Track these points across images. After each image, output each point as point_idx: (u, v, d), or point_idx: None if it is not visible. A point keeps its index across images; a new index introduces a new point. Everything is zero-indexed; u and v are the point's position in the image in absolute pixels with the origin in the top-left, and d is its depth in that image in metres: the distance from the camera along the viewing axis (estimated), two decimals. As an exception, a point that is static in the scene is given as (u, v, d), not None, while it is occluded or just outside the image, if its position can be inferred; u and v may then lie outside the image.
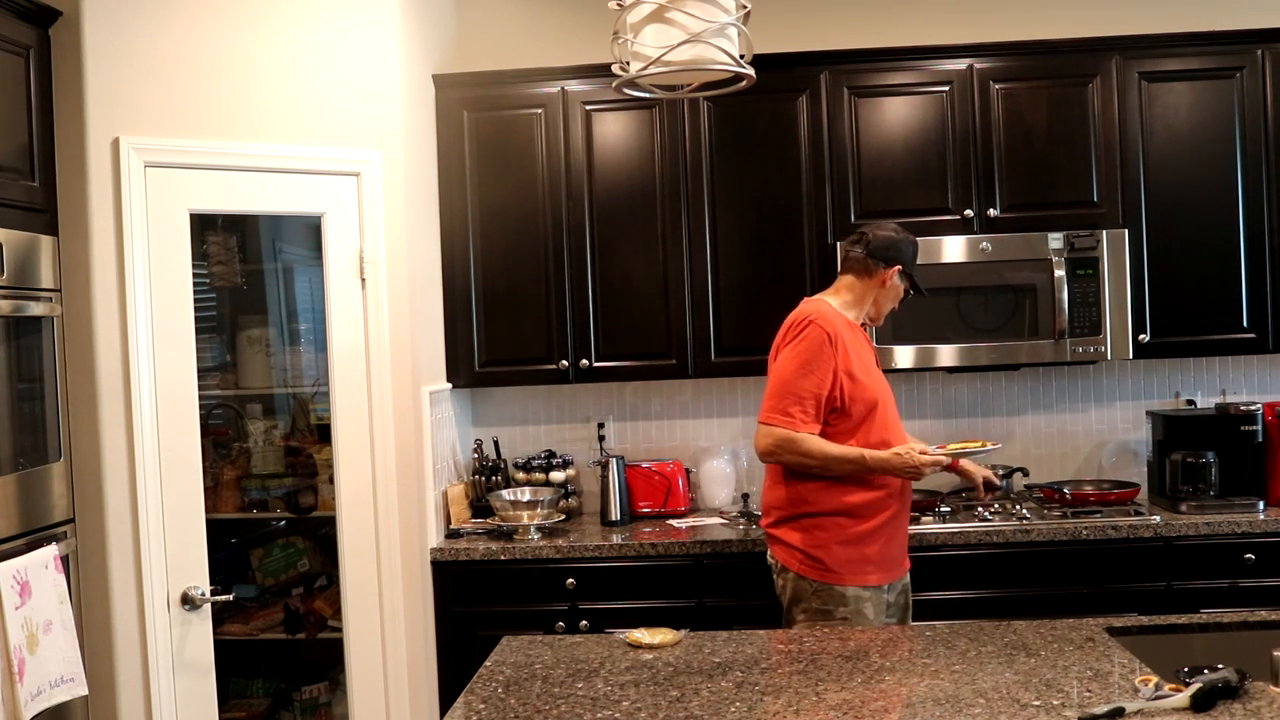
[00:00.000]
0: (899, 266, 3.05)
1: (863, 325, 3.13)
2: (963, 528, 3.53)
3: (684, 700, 2.05)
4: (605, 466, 3.92)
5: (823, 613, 2.89)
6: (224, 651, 3.27)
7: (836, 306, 3.05)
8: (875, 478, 2.92)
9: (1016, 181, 3.78)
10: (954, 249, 3.71)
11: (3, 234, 2.75)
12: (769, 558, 3.05)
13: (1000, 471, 3.97)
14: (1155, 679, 1.97)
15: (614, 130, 3.87)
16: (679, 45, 2.06)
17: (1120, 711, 1.85)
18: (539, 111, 3.88)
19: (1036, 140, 3.78)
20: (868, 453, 2.90)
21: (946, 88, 3.80)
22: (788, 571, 2.96)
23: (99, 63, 2.99)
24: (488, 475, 4.01)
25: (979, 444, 3.16)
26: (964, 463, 3.17)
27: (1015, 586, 3.49)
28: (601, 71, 3.63)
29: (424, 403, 3.59)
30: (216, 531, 3.29)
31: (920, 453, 2.90)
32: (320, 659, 3.78)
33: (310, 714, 3.79)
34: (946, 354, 3.73)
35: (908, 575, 3.09)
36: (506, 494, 3.85)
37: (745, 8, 2.15)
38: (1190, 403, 4.09)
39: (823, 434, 2.92)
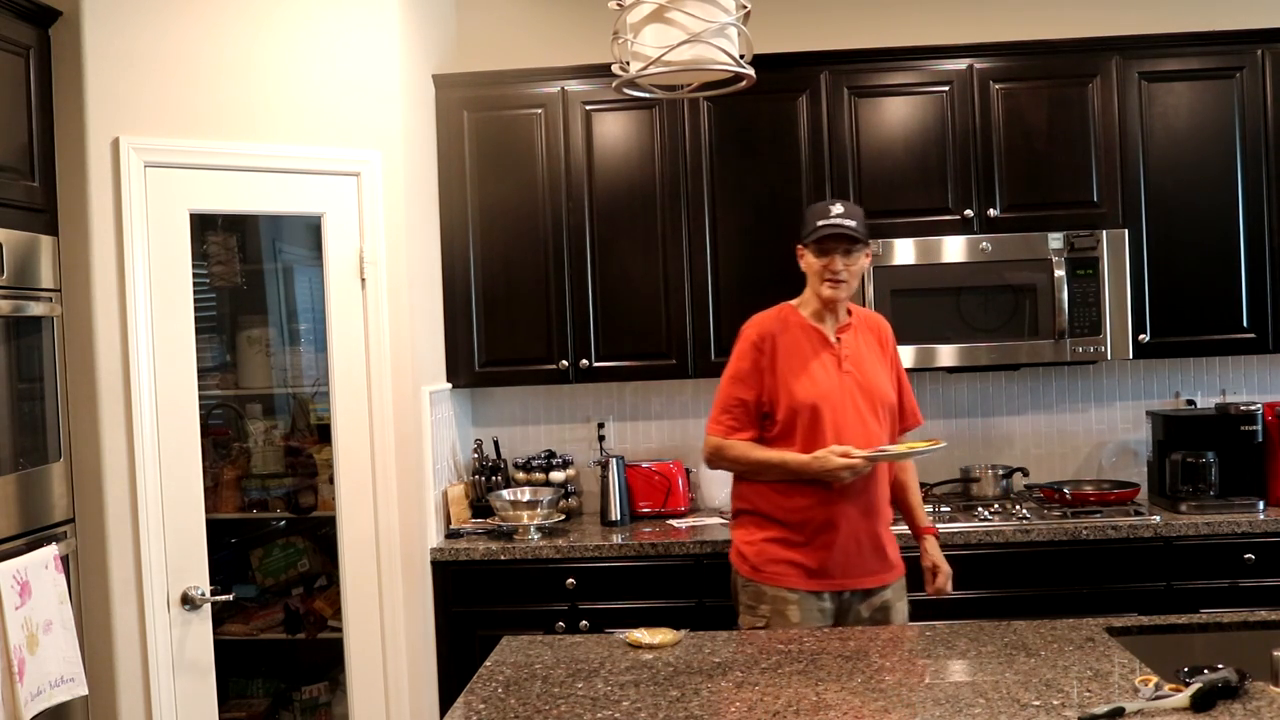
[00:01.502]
0: (800, 244, 2.96)
1: (846, 322, 2.98)
2: (963, 528, 3.53)
3: (684, 700, 2.05)
4: (605, 466, 3.92)
5: (749, 608, 2.91)
6: (224, 651, 3.27)
7: (795, 306, 3.01)
8: (810, 485, 2.84)
9: (1016, 181, 3.78)
10: (954, 249, 3.71)
11: (3, 234, 2.75)
12: None
13: (1000, 471, 3.99)
14: (1155, 679, 1.97)
15: (614, 130, 3.87)
16: (679, 45, 2.06)
17: (1120, 711, 1.85)
18: (539, 111, 3.88)
19: (1036, 140, 3.78)
20: (789, 457, 2.84)
21: (946, 88, 3.80)
22: (731, 566, 3.01)
23: (99, 63, 2.99)
24: (488, 475, 4.01)
25: (924, 444, 2.91)
26: (931, 550, 3.06)
27: (1015, 586, 3.49)
28: (601, 71, 3.63)
29: (424, 403, 3.59)
30: (216, 531, 3.29)
31: (840, 455, 2.77)
32: (320, 659, 3.78)
33: (310, 714, 3.79)
34: (946, 354, 3.73)
35: (887, 590, 2.92)
36: (506, 494, 3.85)
37: (745, 8, 2.15)
38: (1190, 403, 4.09)
39: (762, 439, 2.92)
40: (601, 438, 4.16)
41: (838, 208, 2.90)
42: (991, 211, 3.78)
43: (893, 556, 2.97)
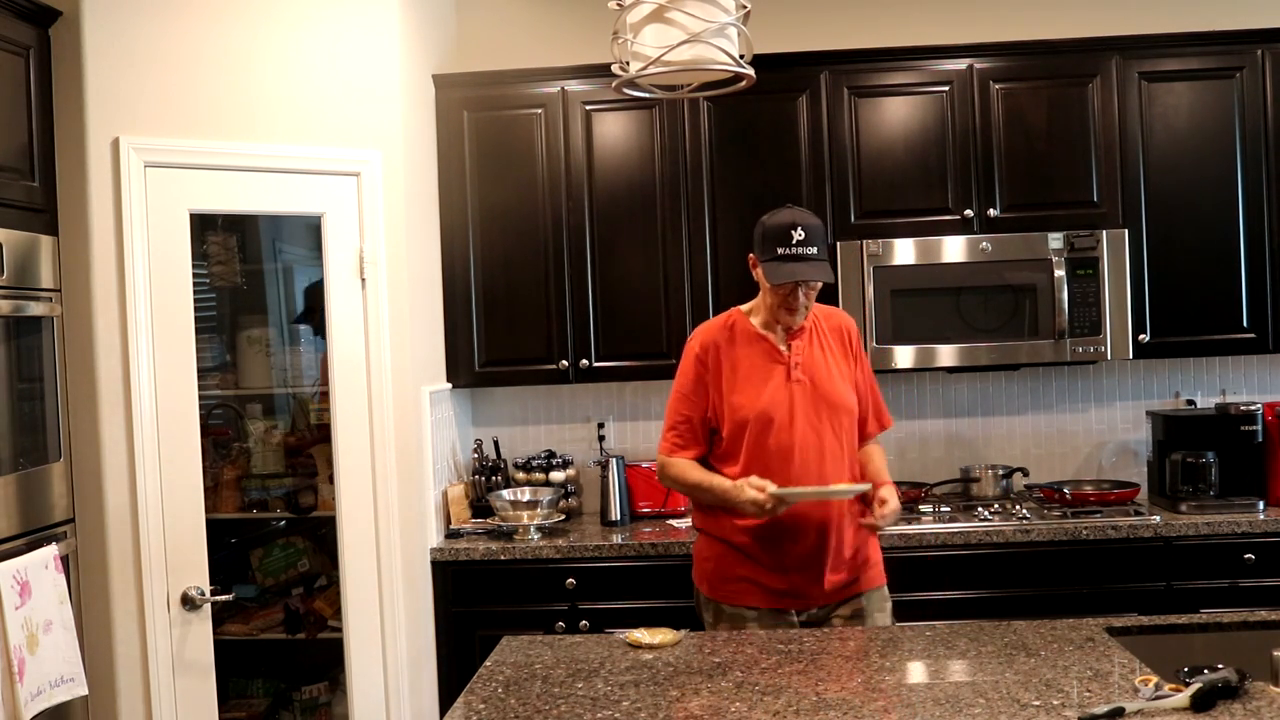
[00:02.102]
0: (752, 255, 2.78)
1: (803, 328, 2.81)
2: (963, 528, 3.53)
3: (684, 700, 2.05)
4: (605, 466, 3.92)
5: (710, 623, 2.81)
6: (224, 651, 3.27)
7: (745, 311, 2.86)
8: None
9: (1016, 181, 3.78)
10: (954, 249, 3.71)
11: (3, 234, 2.75)
12: None
13: (1000, 471, 3.99)
14: (1155, 679, 1.97)
15: (614, 130, 3.87)
16: (679, 45, 2.06)
17: (1120, 711, 1.85)
18: (539, 111, 3.88)
19: (1036, 140, 3.78)
20: (718, 482, 2.71)
21: (946, 88, 3.80)
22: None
23: (99, 63, 2.99)
24: (488, 475, 4.00)
25: (846, 485, 2.70)
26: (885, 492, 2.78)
27: (1015, 586, 3.49)
28: (601, 71, 3.63)
29: (424, 403, 3.59)
30: (216, 531, 3.29)
31: (755, 489, 2.58)
32: (320, 659, 3.78)
33: (310, 714, 3.79)
34: (946, 354, 3.73)
35: (860, 599, 2.79)
36: (506, 494, 3.85)
37: (745, 8, 2.15)
38: (1190, 403, 4.09)
39: (710, 455, 2.80)
40: (601, 438, 4.16)
41: (799, 231, 2.68)
42: (991, 211, 3.78)
43: (865, 565, 2.81)
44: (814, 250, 2.70)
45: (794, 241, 2.68)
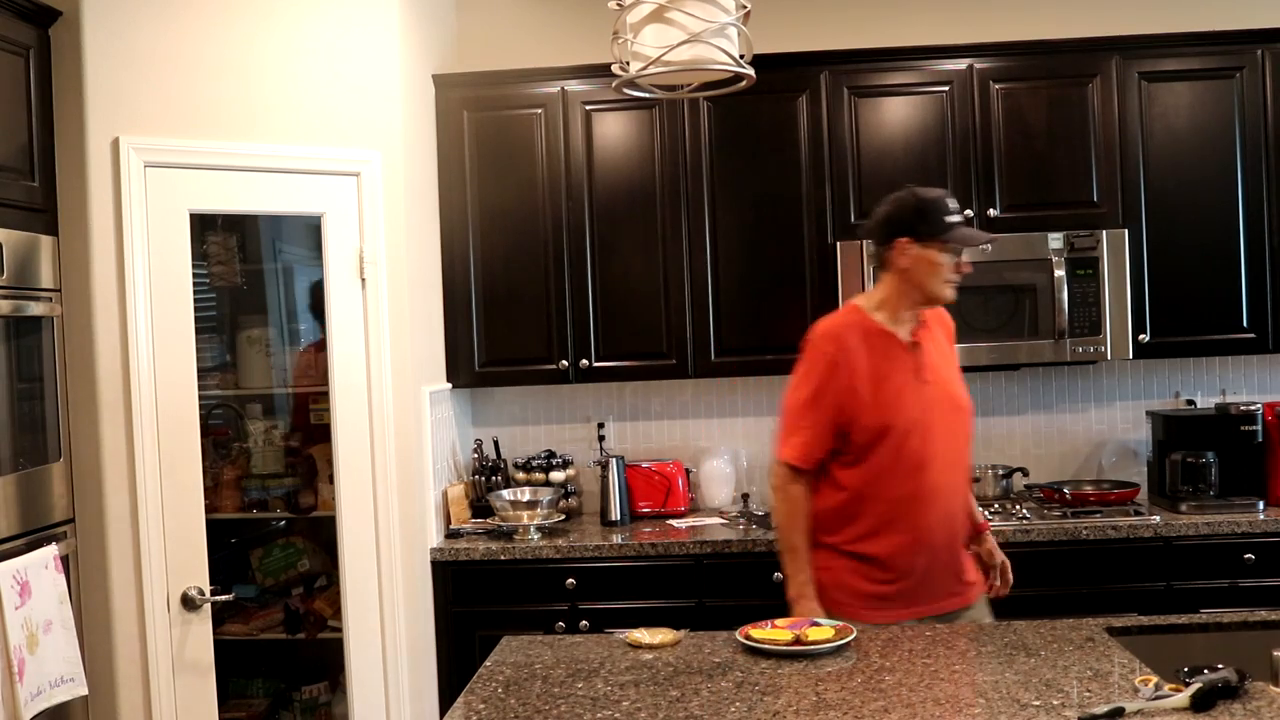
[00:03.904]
0: (905, 238, 2.61)
1: (922, 322, 2.69)
2: (963, 528, 3.52)
3: (684, 700, 2.05)
4: (605, 466, 3.92)
5: None
6: (224, 651, 3.27)
7: (868, 309, 2.68)
8: (904, 517, 2.61)
9: (1016, 181, 3.78)
10: (954, 249, 3.71)
11: (3, 234, 2.75)
12: None
13: (1000, 471, 3.99)
14: (1155, 679, 1.97)
15: (614, 130, 3.87)
16: (679, 45, 2.06)
17: (1120, 711, 1.85)
18: (539, 111, 3.88)
19: (1036, 140, 3.78)
20: (798, 563, 2.62)
21: (946, 88, 3.80)
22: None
23: (99, 63, 2.99)
24: (488, 475, 4.00)
25: (831, 630, 2.39)
26: (996, 549, 2.83)
27: (1015, 586, 3.45)
28: (601, 71, 3.63)
29: (424, 403, 3.59)
30: (216, 531, 3.29)
31: (805, 606, 2.57)
32: (320, 659, 3.77)
33: (310, 714, 3.79)
34: (946, 354, 3.73)
35: (970, 610, 2.72)
36: (506, 494, 3.85)
37: (745, 8, 2.15)
38: (1190, 403, 4.09)
39: (836, 461, 2.64)
40: (601, 438, 4.16)
41: (954, 202, 2.63)
42: (991, 211, 3.78)
43: (971, 576, 2.74)
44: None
45: (955, 209, 2.62)
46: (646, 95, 2.36)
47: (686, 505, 4.01)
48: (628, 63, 2.16)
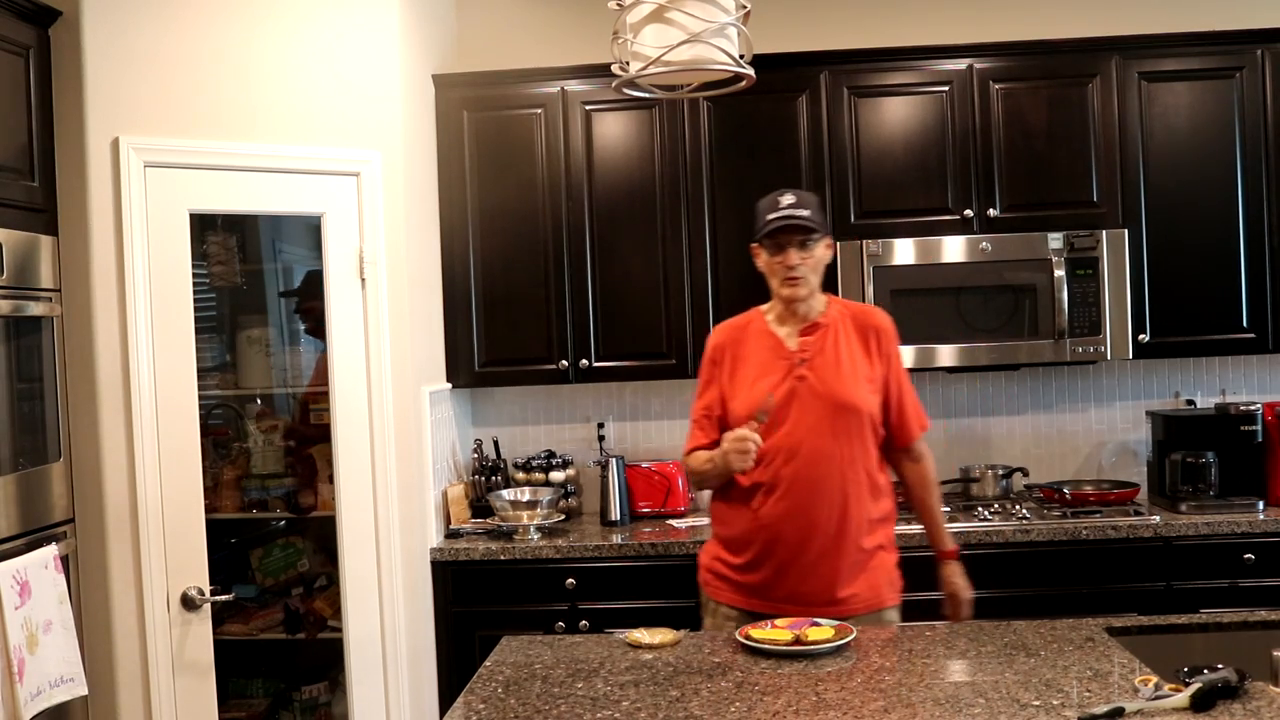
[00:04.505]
0: (754, 244, 2.76)
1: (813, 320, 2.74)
2: (963, 528, 3.53)
3: (684, 700, 2.05)
4: (605, 466, 3.92)
5: (705, 620, 2.81)
6: (224, 651, 3.26)
7: (764, 311, 2.84)
8: (747, 504, 2.68)
9: (1016, 181, 3.78)
10: (954, 249, 3.71)
11: (3, 234, 2.75)
12: None
13: (1000, 471, 3.99)
14: (1155, 679, 1.97)
15: (614, 130, 3.87)
16: (679, 45, 2.06)
17: (1120, 711, 1.85)
18: (539, 111, 3.88)
19: (1036, 140, 3.78)
20: (713, 453, 2.67)
21: (946, 88, 3.80)
22: None
23: (99, 63, 2.99)
24: (488, 475, 4.01)
25: (830, 630, 2.36)
26: (949, 577, 2.85)
27: (1015, 586, 3.49)
28: (601, 71, 3.63)
29: (424, 403, 3.59)
30: (216, 531, 3.29)
31: (734, 439, 2.57)
32: (320, 659, 3.77)
33: (310, 714, 3.79)
34: (946, 354, 3.73)
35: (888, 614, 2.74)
36: (506, 494, 3.85)
37: (745, 8, 2.15)
38: (1190, 403, 4.09)
39: None
40: (601, 438, 4.16)
41: (788, 198, 2.69)
42: (991, 211, 3.78)
43: (861, 591, 2.67)
44: (805, 213, 2.66)
45: (783, 206, 2.68)
46: (646, 95, 2.36)
47: (686, 505, 4.01)
48: (628, 63, 2.16)
